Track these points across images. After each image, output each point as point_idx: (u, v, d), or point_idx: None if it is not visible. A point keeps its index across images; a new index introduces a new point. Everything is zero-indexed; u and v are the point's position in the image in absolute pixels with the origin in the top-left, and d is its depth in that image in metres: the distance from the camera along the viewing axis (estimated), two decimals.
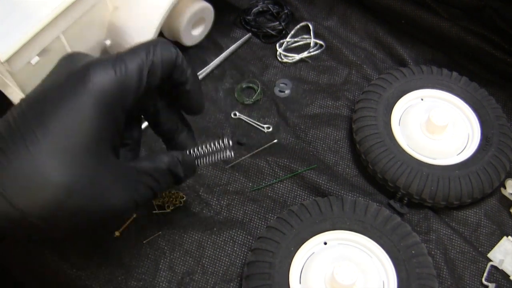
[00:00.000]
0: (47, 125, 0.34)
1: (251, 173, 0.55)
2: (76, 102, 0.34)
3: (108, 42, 0.57)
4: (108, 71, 0.35)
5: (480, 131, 0.55)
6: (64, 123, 0.34)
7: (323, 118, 0.60)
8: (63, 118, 0.34)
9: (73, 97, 0.35)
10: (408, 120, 0.56)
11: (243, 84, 0.62)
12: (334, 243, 0.49)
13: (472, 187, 0.51)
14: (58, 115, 0.34)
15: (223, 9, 0.67)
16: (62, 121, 0.34)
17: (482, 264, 0.50)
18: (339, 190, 0.54)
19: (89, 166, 0.35)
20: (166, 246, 0.50)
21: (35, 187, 0.33)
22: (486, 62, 0.63)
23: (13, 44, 0.45)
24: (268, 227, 0.49)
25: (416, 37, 0.67)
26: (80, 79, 0.35)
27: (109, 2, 0.54)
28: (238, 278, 0.49)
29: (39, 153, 0.34)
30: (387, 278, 0.46)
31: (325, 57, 0.65)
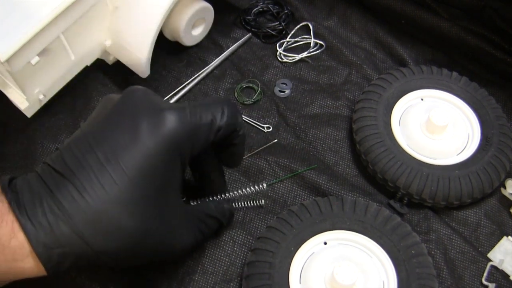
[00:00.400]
0: (123, 169, 0.34)
1: (251, 173, 0.55)
2: (151, 147, 0.35)
3: (108, 42, 0.57)
4: (183, 121, 0.37)
5: (480, 131, 0.55)
6: (140, 168, 0.35)
7: (323, 118, 0.60)
8: (138, 162, 0.35)
9: (148, 141, 0.35)
10: (408, 120, 0.56)
11: (243, 84, 0.62)
12: (334, 243, 0.49)
13: (472, 187, 0.51)
14: (134, 159, 0.35)
15: (223, 9, 0.67)
16: (138, 165, 0.35)
17: (482, 264, 0.50)
18: (339, 190, 0.54)
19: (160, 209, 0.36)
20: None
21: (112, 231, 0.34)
22: (486, 62, 0.63)
23: (13, 44, 0.44)
24: (268, 227, 0.49)
25: (416, 37, 0.67)
26: (156, 124, 0.36)
27: (109, 2, 0.54)
28: (238, 278, 0.49)
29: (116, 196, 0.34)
30: (387, 278, 0.46)
31: (325, 57, 0.65)
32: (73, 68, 0.56)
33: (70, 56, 0.54)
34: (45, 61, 0.50)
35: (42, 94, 0.53)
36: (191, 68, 0.63)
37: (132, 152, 0.35)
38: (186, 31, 0.61)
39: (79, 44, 0.54)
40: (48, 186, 0.35)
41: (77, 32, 0.52)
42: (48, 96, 0.55)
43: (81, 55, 0.55)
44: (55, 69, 0.53)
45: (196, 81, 0.62)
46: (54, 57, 0.52)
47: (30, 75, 0.50)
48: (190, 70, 0.63)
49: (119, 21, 0.55)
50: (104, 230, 0.34)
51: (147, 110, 0.37)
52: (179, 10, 0.59)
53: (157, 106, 0.37)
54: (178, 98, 0.60)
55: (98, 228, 0.34)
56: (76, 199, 0.34)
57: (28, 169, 0.54)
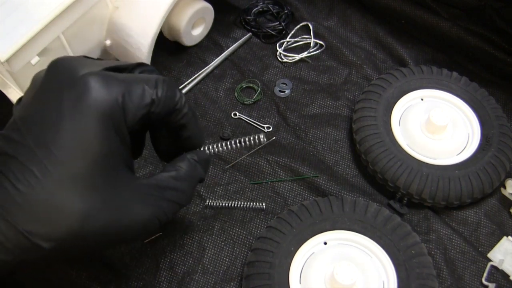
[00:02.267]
0: (54, 152, 0.32)
1: (252, 172, 0.55)
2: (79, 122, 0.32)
3: (108, 42, 0.57)
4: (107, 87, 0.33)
5: (480, 131, 0.55)
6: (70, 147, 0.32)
7: (323, 118, 0.60)
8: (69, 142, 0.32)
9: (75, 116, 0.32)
10: (408, 120, 0.56)
11: (243, 84, 0.62)
12: (334, 243, 0.49)
13: (472, 187, 0.51)
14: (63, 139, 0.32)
15: (223, 9, 0.67)
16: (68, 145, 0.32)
17: (482, 264, 0.50)
18: (339, 190, 0.54)
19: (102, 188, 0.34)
20: (166, 246, 0.50)
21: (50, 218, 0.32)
22: (486, 62, 0.63)
23: (13, 44, 0.45)
24: (268, 227, 0.49)
25: (416, 37, 0.67)
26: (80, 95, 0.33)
27: (109, 2, 0.54)
28: (238, 278, 0.49)
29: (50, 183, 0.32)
30: (387, 278, 0.46)
31: (325, 57, 0.65)
32: None
33: None
34: (45, 61, 0.50)
35: None
36: (191, 68, 0.63)
37: (59, 133, 0.32)
38: (186, 31, 0.61)
39: (79, 44, 0.54)
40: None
41: (77, 32, 0.52)
42: None
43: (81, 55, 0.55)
44: None
45: (196, 81, 0.62)
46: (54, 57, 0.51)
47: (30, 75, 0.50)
48: (190, 70, 0.63)
49: (119, 21, 0.55)
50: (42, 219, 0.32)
51: (67, 84, 0.33)
52: (179, 10, 0.59)
53: (78, 74, 0.33)
54: None
55: (35, 218, 0.32)
56: (10, 191, 0.32)
57: None
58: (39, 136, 0.33)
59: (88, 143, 0.32)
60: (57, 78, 0.34)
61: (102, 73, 0.33)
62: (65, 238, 0.33)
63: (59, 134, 0.32)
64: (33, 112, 0.34)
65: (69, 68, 0.34)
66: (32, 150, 0.33)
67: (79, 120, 0.32)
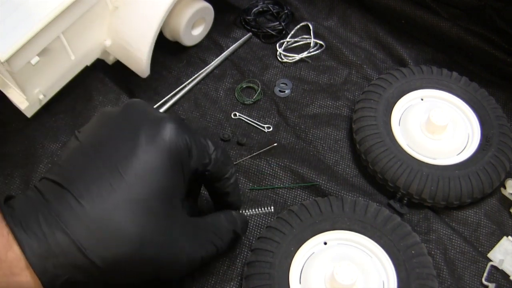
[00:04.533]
0: (122, 175, 0.34)
1: (252, 173, 0.55)
2: (150, 155, 0.35)
3: (108, 42, 0.57)
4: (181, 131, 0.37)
5: (480, 131, 0.55)
6: (139, 174, 0.34)
7: (323, 118, 0.60)
8: (139, 169, 0.35)
9: (147, 149, 0.35)
10: (408, 120, 0.56)
11: (243, 84, 0.62)
12: (334, 243, 0.49)
13: (472, 187, 0.51)
14: (133, 166, 0.35)
15: (223, 9, 0.67)
16: (137, 172, 0.34)
17: (482, 264, 0.50)
18: (339, 190, 0.54)
19: (161, 217, 0.35)
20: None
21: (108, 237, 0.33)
22: (486, 62, 0.63)
23: (13, 44, 0.45)
24: (268, 227, 0.49)
25: (416, 37, 0.67)
26: (157, 133, 0.36)
27: (109, 2, 0.54)
28: (238, 278, 0.49)
29: (114, 203, 0.34)
30: (387, 278, 0.46)
31: (325, 57, 0.65)
32: (73, 68, 0.56)
33: (70, 56, 0.54)
34: (45, 61, 0.50)
35: (42, 94, 0.53)
36: (191, 68, 0.63)
37: (131, 160, 0.35)
38: (186, 31, 0.61)
39: (79, 44, 0.54)
40: (45, 197, 0.34)
41: (77, 32, 0.52)
42: (48, 96, 0.55)
43: (81, 55, 0.55)
44: (55, 69, 0.53)
45: (196, 81, 0.62)
46: (54, 57, 0.52)
47: (30, 75, 0.50)
48: (190, 70, 0.63)
49: (119, 21, 0.55)
50: (99, 236, 0.33)
51: (146, 121, 0.37)
52: (179, 10, 0.59)
53: (156, 117, 0.38)
54: (179, 98, 0.60)
55: (94, 234, 0.33)
56: (73, 207, 0.33)
57: (28, 169, 0.54)
58: (110, 159, 0.35)
59: (156, 174, 0.35)
60: (134, 117, 0.38)
61: (179, 120, 0.38)
62: (115, 261, 0.34)
63: (130, 161, 0.35)
64: (105, 142, 0.36)
65: (147, 110, 0.38)
66: (100, 170, 0.35)
67: (152, 153, 0.35)
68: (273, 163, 0.56)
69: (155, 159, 0.35)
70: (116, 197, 0.34)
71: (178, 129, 0.37)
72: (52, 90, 0.55)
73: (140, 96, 0.60)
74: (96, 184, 0.34)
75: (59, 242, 0.33)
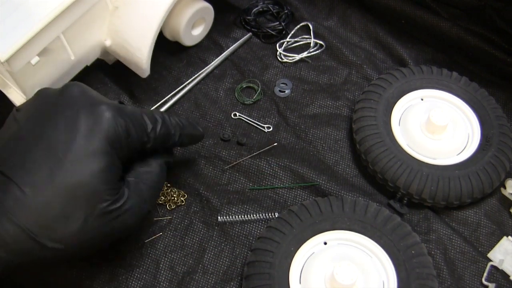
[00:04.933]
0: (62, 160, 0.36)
1: (251, 173, 0.55)
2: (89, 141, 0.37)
3: (108, 42, 0.57)
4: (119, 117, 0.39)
5: (480, 131, 0.55)
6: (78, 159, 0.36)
7: (323, 118, 0.60)
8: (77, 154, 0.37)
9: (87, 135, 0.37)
10: (408, 120, 0.56)
11: (243, 84, 0.62)
12: (334, 243, 0.49)
13: (472, 187, 0.51)
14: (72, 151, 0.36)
15: (223, 9, 0.67)
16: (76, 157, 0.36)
17: (482, 264, 0.50)
18: (339, 190, 0.54)
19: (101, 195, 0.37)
20: (166, 246, 0.50)
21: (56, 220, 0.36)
22: (486, 62, 0.63)
23: (13, 44, 0.45)
24: (268, 227, 0.49)
25: (416, 37, 0.67)
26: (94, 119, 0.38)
27: (109, 2, 0.54)
28: (238, 278, 0.49)
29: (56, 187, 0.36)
30: (387, 278, 0.46)
31: (325, 57, 0.65)
32: (73, 68, 0.56)
33: (70, 56, 0.54)
34: (45, 61, 0.50)
35: None
36: (191, 68, 0.63)
37: (71, 145, 0.37)
38: (186, 31, 0.61)
39: (79, 44, 0.54)
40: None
41: (77, 32, 0.52)
42: None
43: (81, 55, 0.55)
44: (55, 69, 0.53)
45: (196, 81, 0.62)
46: (54, 57, 0.52)
47: (30, 75, 0.50)
48: (190, 70, 0.63)
49: (119, 21, 0.55)
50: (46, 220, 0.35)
51: (85, 107, 0.39)
52: (179, 10, 0.59)
53: (95, 102, 0.39)
54: (179, 98, 0.60)
55: (42, 219, 0.35)
56: (17, 196, 0.35)
57: None
58: (50, 145, 0.37)
59: (94, 157, 0.37)
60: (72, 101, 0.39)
61: (116, 105, 0.40)
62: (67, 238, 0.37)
63: (70, 147, 0.37)
64: (44, 128, 0.38)
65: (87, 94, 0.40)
66: (41, 156, 0.36)
67: (91, 139, 0.37)
68: (273, 163, 0.56)
69: (94, 144, 0.37)
70: (58, 181, 0.36)
71: (116, 115, 0.39)
72: None
73: (140, 96, 0.60)
74: (38, 171, 0.36)
75: (8, 231, 0.35)
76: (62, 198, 0.36)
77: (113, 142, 0.38)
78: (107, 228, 0.38)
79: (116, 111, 0.39)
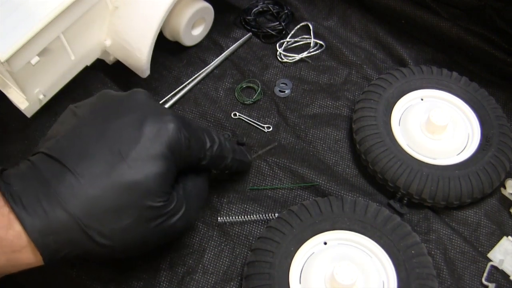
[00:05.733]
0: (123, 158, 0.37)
1: (251, 173, 0.55)
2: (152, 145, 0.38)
3: (108, 42, 0.57)
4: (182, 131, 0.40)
5: (480, 131, 0.55)
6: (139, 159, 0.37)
7: (323, 118, 0.60)
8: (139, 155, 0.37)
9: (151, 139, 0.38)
10: (408, 120, 0.56)
11: (243, 84, 0.62)
12: (334, 243, 0.49)
13: (472, 187, 0.51)
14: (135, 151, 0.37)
15: (223, 9, 0.67)
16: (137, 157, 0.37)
17: (482, 264, 0.50)
18: (339, 190, 0.54)
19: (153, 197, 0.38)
20: (166, 246, 0.50)
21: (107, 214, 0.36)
22: (486, 62, 0.63)
23: (13, 44, 0.45)
24: (268, 227, 0.49)
25: (416, 37, 0.67)
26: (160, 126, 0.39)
27: (109, 2, 0.54)
28: (238, 278, 0.49)
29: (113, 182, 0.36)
30: (387, 278, 0.46)
31: (325, 57, 0.65)
32: (73, 68, 0.56)
33: (70, 56, 0.54)
34: (45, 61, 0.50)
35: (42, 94, 0.53)
36: (191, 68, 0.63)
37: (134, 146, 0.37)
38: (186, 31, 0.61)
39: (79, 44, 0.54)
40: (43, 174, 0.36)
41: (77, 32, 0.52)
42: (48, 96, 0.55)
43: (81, 55, 0.55)
44: (55, 69, 0.53)
45: (196, 81, 0.62)
46: (54, 57, 0.52)
47: (30, 75, 0.50)
48: (190, 70, 0.63)
49: (119, 21, 0.55)
50: (98, 213, 0.35)
51: (152, 113, 0.39)
52: (179, 10, 0.59)
53: (161, 110, 0.40)
54: (179, 98, 0.60)
55: (92, 211, 0.35)
56: (72, 184, 0.35)
57: None
58: (113, 142, 0.37)
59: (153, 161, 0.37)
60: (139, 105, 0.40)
61: (181, 117, 0.41)
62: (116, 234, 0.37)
63: (134, 147, 0.37)
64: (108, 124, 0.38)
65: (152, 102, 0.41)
66: (103, 151, 0.37)
67: (154, 143, 0.38)
68: (273, 163, 0.56)
69: (156, 149, 0.38)
70: (115, 177, 0.36)
71: (180, 125, 0.40)
72: (52, 90, 0.55)
73: None
74: (97, 164, 0.36)
75: (59, 219, 0.35)
76: (116, 193, 0.36)
77: (174, 150, 0.39)
78: (155, 230, 0.39)
79: (181, 123, 0.40)
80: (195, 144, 0.42)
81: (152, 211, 0.38)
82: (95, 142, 0.37)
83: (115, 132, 0.38)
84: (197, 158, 0.43)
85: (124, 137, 0.37)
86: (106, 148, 0.37)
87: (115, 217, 0.36)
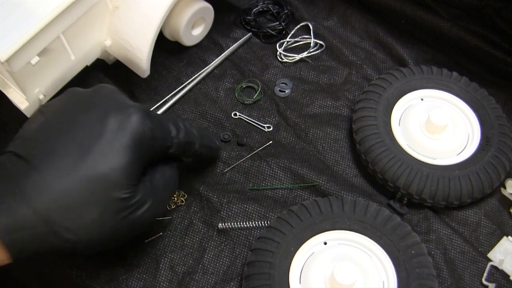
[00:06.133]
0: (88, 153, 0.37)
1: (251, 173, 0.55)
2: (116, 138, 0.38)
3: (108, 42, 0.57)
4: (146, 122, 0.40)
5: (480, 131, 0.55)
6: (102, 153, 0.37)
7: (323, 118, 0.60)
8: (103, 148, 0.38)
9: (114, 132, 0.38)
10: (408, 120, 0.56)
11: (243, 84, 0.62)
12: (334, 243, 0.49)
13: (472, 187, 0.51)
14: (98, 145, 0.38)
15: (223, 9, 0.67)
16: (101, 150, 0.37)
17: (482, 264, 0.50)
18: (339, 190, 0.54)
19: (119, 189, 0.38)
20: (166, 246, 0.50)
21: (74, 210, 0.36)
22: (486, 62, 0.63)
23: (13, 44, 0.45)
24: (268, 227, 0.49)
25: (416, 37, 0.67)
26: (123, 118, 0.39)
27: (109, 2, 0.54)
28: (238, 278, 0.49)
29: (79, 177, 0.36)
30: (387, 278, 0.47)
31: (325, 57, 0.65)
32: (73, 68, 0.56)
33: (70, 56, 0.54)
34: (45, 61, 0.50)
35: (42, 94, 0.53)
36: (191, 68, 0.63)
37: (98, 140, 0.38)
38: (186, 31, 0.61)
39: (79, 44, 0.54)
40: (10, 172, 0.37)
41: (77, 32, 0.52)
42: (48, 96, 0.54)
43: (81, 55, 0.55)
44: (55, 69, 0.53)
45: (196, 81, 0.62)
46: (54, 57, 0.52)
47: (30, 75, 0.50)
48: (190, 70, 0.63)
49: (119, 21, 0.55)
50: (65, 210, 0.36)
51: (115, 107, 0.40)
52: (179, 10, 0.59)
53: (125, 104, 0.41)
54: (179, 98, 0.60)
55: (59, 208, 0.36)
56: (38, 181, 0.36)
57: None
58: (77, 137, 0.38)
59: (118, 153, 0.38)
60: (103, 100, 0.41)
61: (145, 109, 0.41)
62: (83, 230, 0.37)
63: (97, 141, 0.38)
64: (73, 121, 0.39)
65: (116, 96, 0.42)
66: (67, 147, 0.37)
67: (118, 136, 0.38)
68: (273, 163, 0.56)
69: (120, 141, 0.38)
70: (80, 171, 0.36)
71: (144, 117, 0.40)
72: (52, 90, 0.55)
73: (140, 96, 0.60)
74: (62, 160, 0.37)
75: (24, 216, 0.35)
76: (81, 187, 0.36)
77: (138, 141, 0.39)
78: (123, 223, 0.39)
79: (144, 114, 0.40)
80: (160, 133, 0.42)
81: (118, 203, 0.38)
82: (61, 139, 0.38)
83: (80, 128, 0.38)
84: (164, 147, 0.43)
85: (88, 132, 0.38)
86: (71, 144, 0.37)
87: (81, 211, 0.36)
